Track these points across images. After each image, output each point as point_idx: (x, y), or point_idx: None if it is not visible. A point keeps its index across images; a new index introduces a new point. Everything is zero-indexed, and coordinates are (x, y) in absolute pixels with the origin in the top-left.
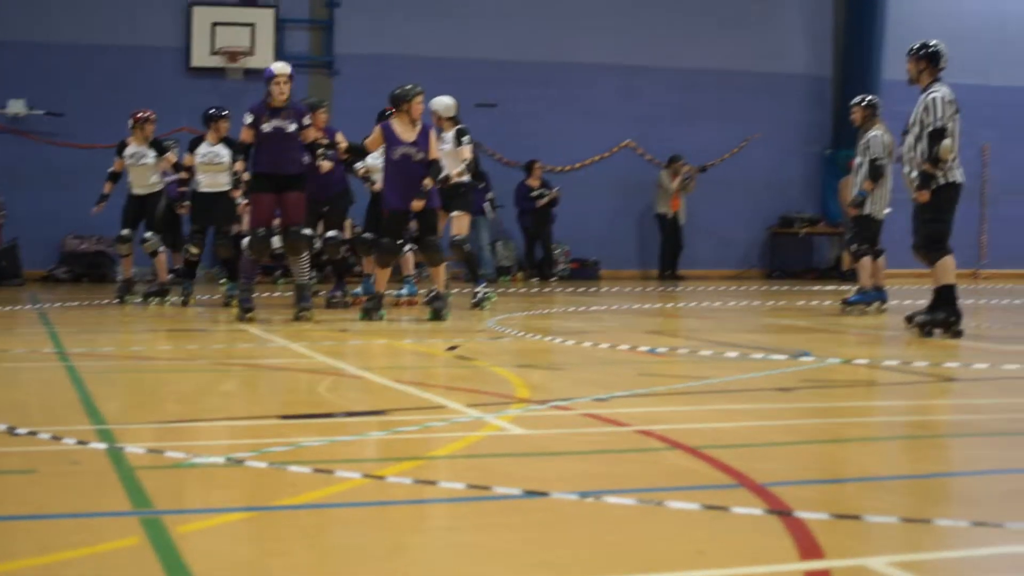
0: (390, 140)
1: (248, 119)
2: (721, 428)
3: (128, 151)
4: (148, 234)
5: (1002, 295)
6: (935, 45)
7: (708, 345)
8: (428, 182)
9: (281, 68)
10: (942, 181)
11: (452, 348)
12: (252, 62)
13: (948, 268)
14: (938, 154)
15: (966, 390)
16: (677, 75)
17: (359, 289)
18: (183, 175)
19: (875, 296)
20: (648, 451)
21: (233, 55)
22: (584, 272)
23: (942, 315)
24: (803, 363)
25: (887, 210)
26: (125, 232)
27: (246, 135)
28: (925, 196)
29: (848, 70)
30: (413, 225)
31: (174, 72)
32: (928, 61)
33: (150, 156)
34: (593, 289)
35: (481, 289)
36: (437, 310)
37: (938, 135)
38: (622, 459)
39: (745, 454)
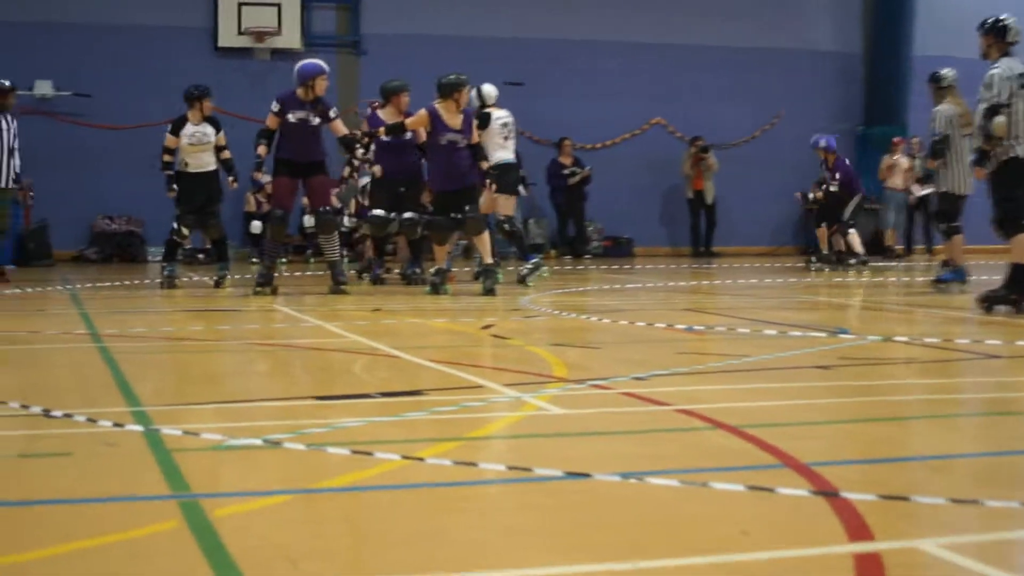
0: (437, 126)
1: (276, 107)
2: (762, 407)
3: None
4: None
5: None
6: (1004, 19)
7: (745, 323)
8: (485, 165)
9: (324, 67)
10: (1005, 157)
11: (487, 327)
12: (279, 42)
13: (1022, 246)
14: (991, 131)
15: (1009, 368)
16: (707, 53)
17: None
18: (166, 157)
19: (955, 276)
20: (690, 431)
21: (260, 35)
22: (617, 249)
23: (1005, 292)
24: (842, 340)
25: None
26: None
27: (272, 122)
28: (981, 174)
29: (878, 46)
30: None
31: (201, 52)
32: (995, 35)
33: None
34: (627, 267)
35: (531, 264)
36: (489, 287)
37: (992, 111)
38: (664, 439)
39: (787, 433)
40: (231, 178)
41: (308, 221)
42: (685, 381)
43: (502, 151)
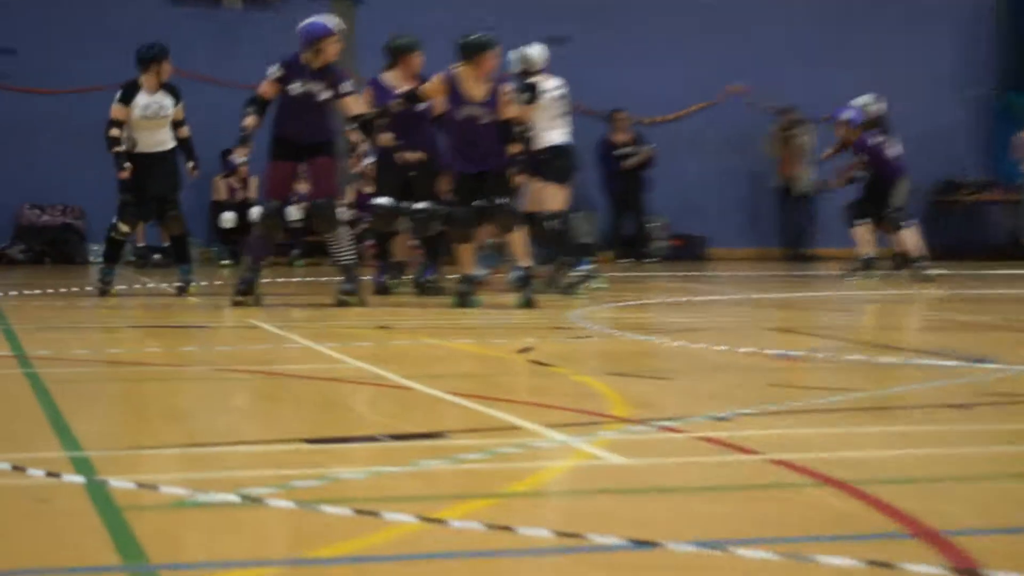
0: (454, 97)
1: (277, 72)
2: (879, 457)
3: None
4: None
5: None
6: None
7: (856, 347)
8: (515, 149)
9: (336, 24)
10: None
11: (524, 351)
12: None
13: None
14: None
15: None
16: (797, 3)
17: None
18: (114, 132)
19: None
20: (787, 486)
21: None
22: (688, 250)
23: None
24: (984, 371)
25: None
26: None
27: (268, 90)
28: None
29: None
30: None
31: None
32: None
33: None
34: (700, 273)
35: (582, 271)
36: (526, 299)
37: None
38: (753, 497)
39: (913, 491)
40: (190, 164)
41: (293, 213)
42: (779, 422)
43: (555, 131)
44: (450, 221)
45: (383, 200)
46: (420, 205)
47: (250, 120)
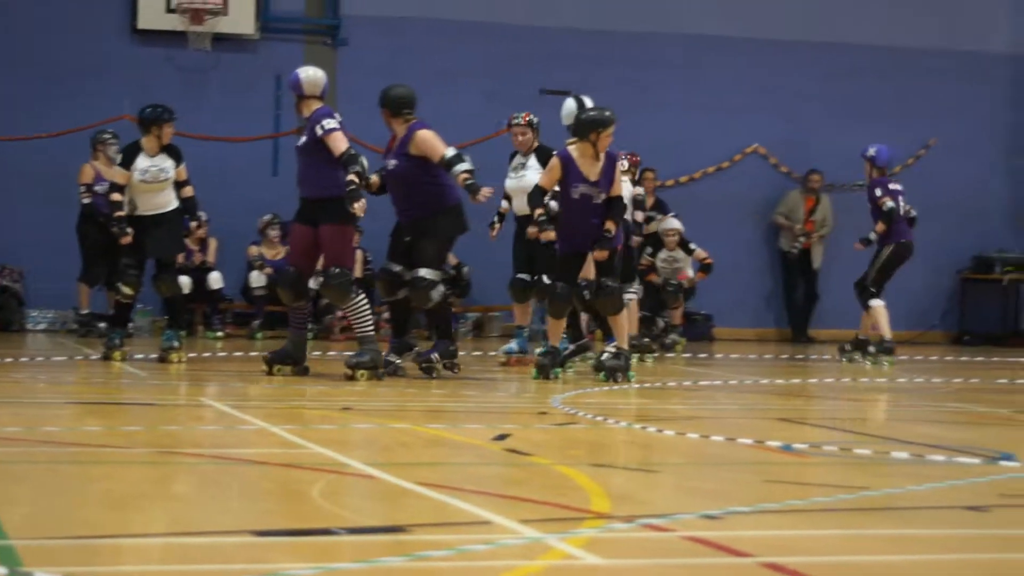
0: (569, 175)
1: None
2: (887, 563)
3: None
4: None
5: None
6: None
7: (866, 440)
8: (611, 226)
9: (308, 76)
10: None
11: (500, 438)
12: (224, 25)
13: None
14: None
15: None
16: (828, 54)
17: (512, 345)
18: (116, 196)
19: None
20: None
21: (198, 14)
22: (692, 331)
23: None
24: (1006, 470)
25: None
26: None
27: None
28: None
29: None
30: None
31: (114, 36)
32: None
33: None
34: (703, 355)
35: (573, 346)
36: (612, 369)
37: None
38: None
39: None
40: (194, 222)
41: (256, 280)
42: (776, 523)
43: None
44: (551, 296)
45: (390, 265)
46: (422, 272)
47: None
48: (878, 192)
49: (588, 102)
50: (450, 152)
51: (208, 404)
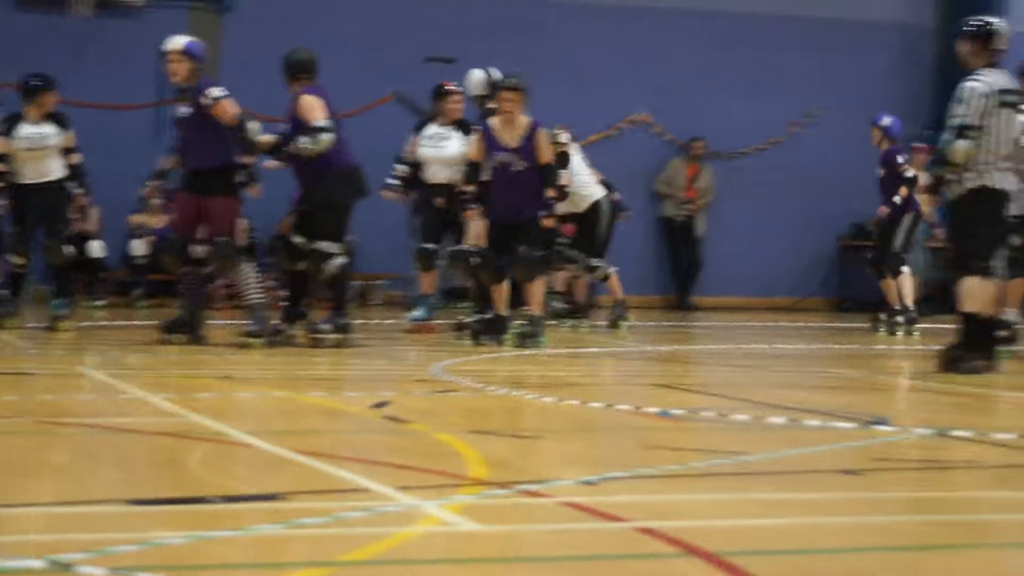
0: (490, 144)
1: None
2: (759, 526)
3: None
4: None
5: None
6: (990, 23)
7: (743, 406)
8: (551, 193)
9: (169, 43)
10: (972, 185)
11: (380, 405)
12: None
13: (971, 292)
14: (948, 155)
15: None
16: (710, 22)
17: (418, 312)
18: None
19: None
20: (654, 557)
21: None
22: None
23: (963, 350)
24: (879, 434)
25: None
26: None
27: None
28: (934, 202)
29: (959, 14)
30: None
31: None
32: (977, 42)
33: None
34: (588, 324)
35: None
36: (523, 335)
37: (958, 132)
38: (618, 569)
39: (792, 565)
40: (79, 191)
41: (138, 248)
42: (652, 488)
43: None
44: (482, 266)
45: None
46: (323, 243)
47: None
48: (900, 159)
49: (496, 73)
50: (320, 123)
51: (87, 373)
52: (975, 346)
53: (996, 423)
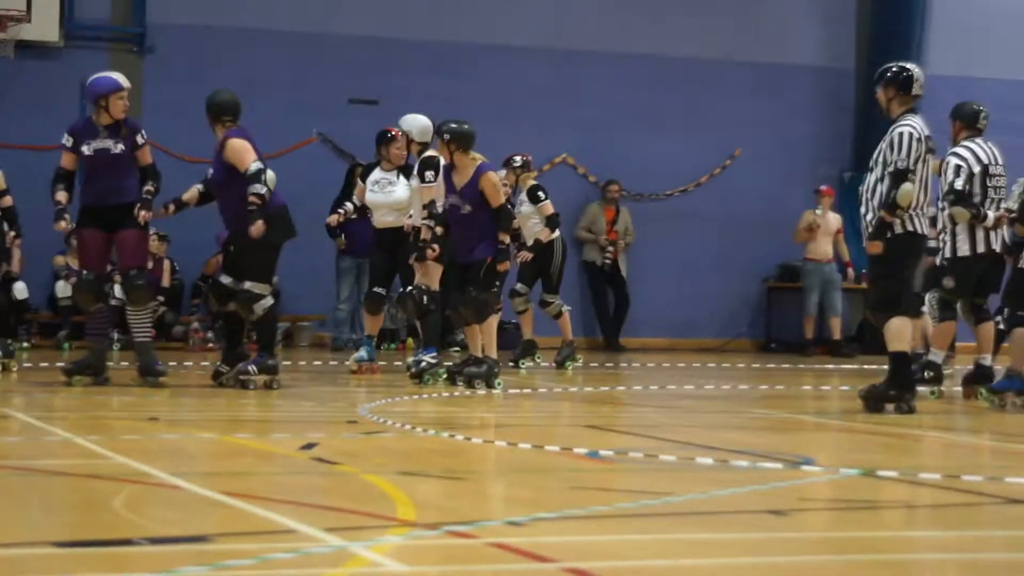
0: (446, 185)
1: (67, 141)
2: (687, 567)
3: None
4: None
5: None
6: (908, 69)
7: (672, 447)
8: (502, 236)
9: (123, 81)
10: (899, 230)
11: (308, 447)
12: (28, 32)
13: (900, 332)
14: (896, 200)
15: None
16: (636, 65)
17: (362, 353)
18: None
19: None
20: None
21: (0, 21)
22: (505, 340)
23: (885, 387)
24: (806, 475)
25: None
26: None
27: (65, 160)
28: (877, 247)
29: (878, 59)
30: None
31: None
32: (897, 88)
33: None
34: (511, 364)
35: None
36: (471, 376)
37: (899, 177)
38: None
39: None
40: (12, 233)
41: (63, 289)
42: (580, 528)
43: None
44: (465, 306)
45: (222, 278)
46: (249, 284)
47: (60, 195)
48: None
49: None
50: (253, 167)
51: (12, 415)
52: (901, 385)
53: (922, 463)
